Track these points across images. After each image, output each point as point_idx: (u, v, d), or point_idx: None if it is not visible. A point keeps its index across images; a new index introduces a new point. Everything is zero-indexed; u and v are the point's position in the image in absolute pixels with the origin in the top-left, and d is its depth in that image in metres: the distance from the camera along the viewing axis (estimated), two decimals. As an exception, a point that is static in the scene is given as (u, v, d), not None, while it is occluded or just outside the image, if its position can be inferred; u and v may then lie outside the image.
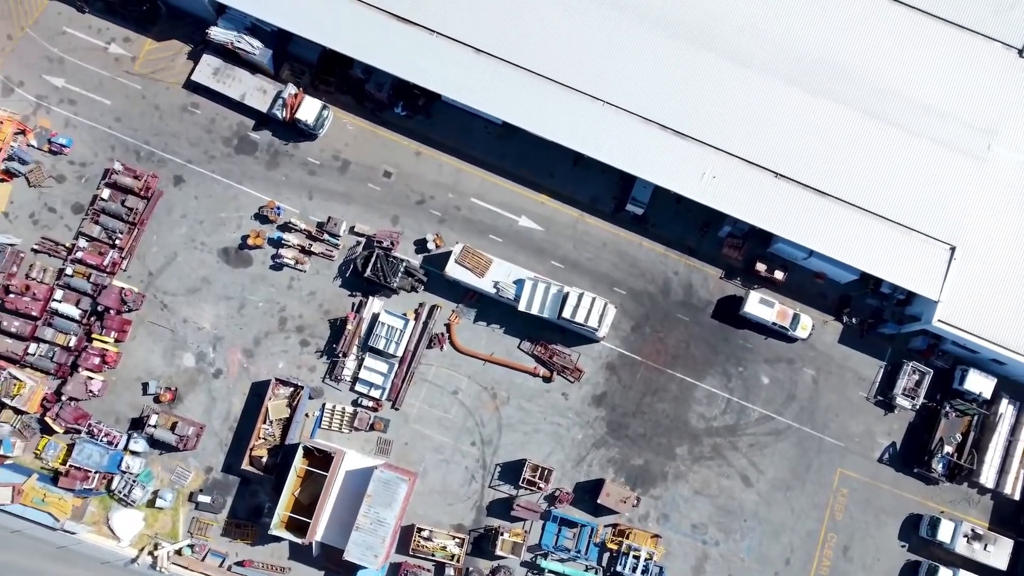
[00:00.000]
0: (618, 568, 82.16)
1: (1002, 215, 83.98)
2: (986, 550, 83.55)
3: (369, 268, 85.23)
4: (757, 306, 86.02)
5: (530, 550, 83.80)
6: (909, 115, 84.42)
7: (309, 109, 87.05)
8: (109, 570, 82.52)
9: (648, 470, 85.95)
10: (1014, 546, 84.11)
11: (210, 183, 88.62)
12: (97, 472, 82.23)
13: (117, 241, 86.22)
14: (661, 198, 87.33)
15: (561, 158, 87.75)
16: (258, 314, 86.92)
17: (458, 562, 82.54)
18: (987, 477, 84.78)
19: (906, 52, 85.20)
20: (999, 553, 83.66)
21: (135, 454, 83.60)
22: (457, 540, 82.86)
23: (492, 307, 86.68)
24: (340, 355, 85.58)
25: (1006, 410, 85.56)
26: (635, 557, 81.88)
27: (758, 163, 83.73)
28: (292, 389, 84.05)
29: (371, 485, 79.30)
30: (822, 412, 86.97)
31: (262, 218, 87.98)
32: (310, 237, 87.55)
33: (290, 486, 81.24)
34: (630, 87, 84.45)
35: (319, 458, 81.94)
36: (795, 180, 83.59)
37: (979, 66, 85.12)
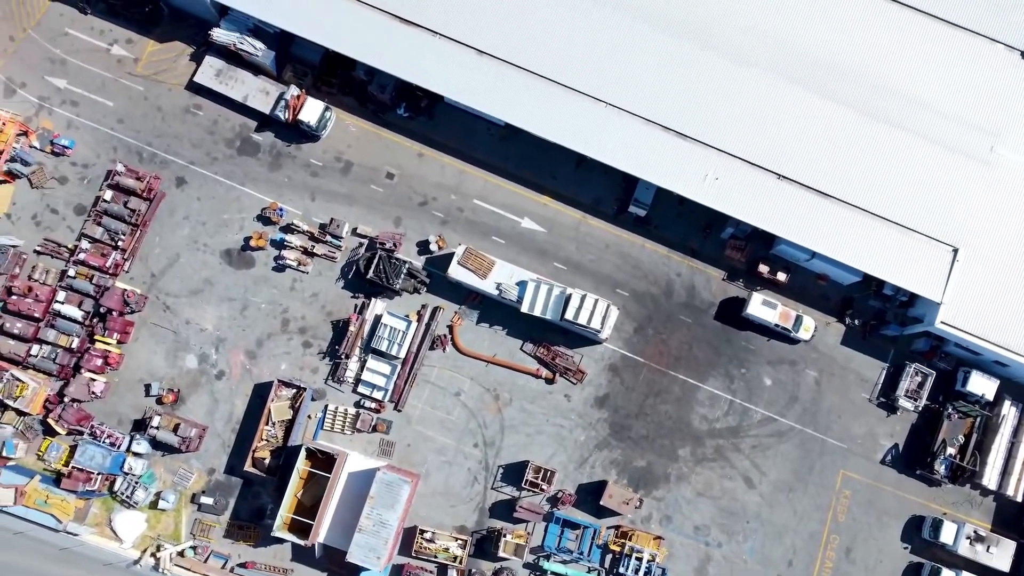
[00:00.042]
0: (620, 570, 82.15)
1: (1005, 216, 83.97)
2: (988, 552, 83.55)
3: (372, 270, 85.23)
4: (760, 308, 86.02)
5: (533, 552, 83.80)
6: (912, 117, 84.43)
7: (312, 111, 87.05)
8: (111, 572, 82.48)
9: (651, 472, 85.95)
10: (1017, 548, 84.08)
11: (213, 184, 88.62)
12: (99, 474, 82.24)
13: (119, 242, 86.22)
14: (664, 200, 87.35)
15: (564, 160, 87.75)
16: (260, 315, 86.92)
17: (461, 564, 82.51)
18: (990, 479, 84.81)
19: (909, 54, 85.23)
20: (1001, 555, 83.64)
21: (137, 456, 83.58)
22: (460, 542, 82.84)
23: (495, 309, 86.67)
24: (343, 357, 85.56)
25: (1009, 412, 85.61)
26: (638, 559, 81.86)
27: (761, 165, 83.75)
28: (295, 391, 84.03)
29: (374, 487, 79.30)
30: (825, 414, 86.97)
31: (264, 219, 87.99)
32: (312, 239, 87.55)
33: (293, 488, 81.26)
34: (633, 88, 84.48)
35: (322, 460, 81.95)
36: (798, 182, 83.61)
37: (982, 68, 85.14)
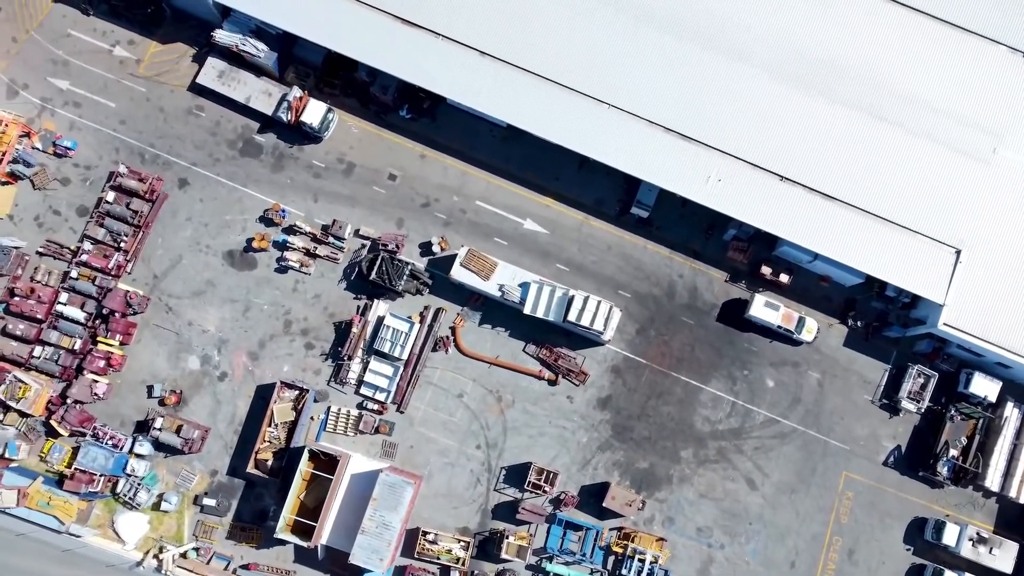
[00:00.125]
0: (623, 571, 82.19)
1: (1008, 218, 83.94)
2: (991, 553, 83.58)
3: (374, 271, 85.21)
4: (762, 309, 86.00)
5: (535, 553, 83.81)
6: (915, 118, 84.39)
7: (314, 112, 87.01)
8: (114, 573, 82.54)
9: (653, 473, 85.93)
10: (1019, 549, 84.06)
11: (215, 186, 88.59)
12: (102, 475, 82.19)
13: (122, 244, 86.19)
14: (666, 201, 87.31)
15: (566, 161, 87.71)
16: (263, 317, 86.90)
17: (463, 565, 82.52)
18: (992, 480, 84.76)
19: (912, 56, 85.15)
20: (1004, 556, 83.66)
21: (140, 457, 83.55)
22: (462, 543, 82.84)
23: (497, 310, 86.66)
24: (345, 358, 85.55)
25: (1011, 413, 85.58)
26: (640, 560, 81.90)
27: (763, 166, 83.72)
28: (297, 392, 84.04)
29: (376, 488, 79.30)
30: (827, 415, 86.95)
31: (267, 221, 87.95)
32: (315, 240, 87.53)
33: (295, 489, 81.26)
34: (635, 90, 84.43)
35: (324, 461, 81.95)
36: (800, 183, 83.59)
37: (985, 69, 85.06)
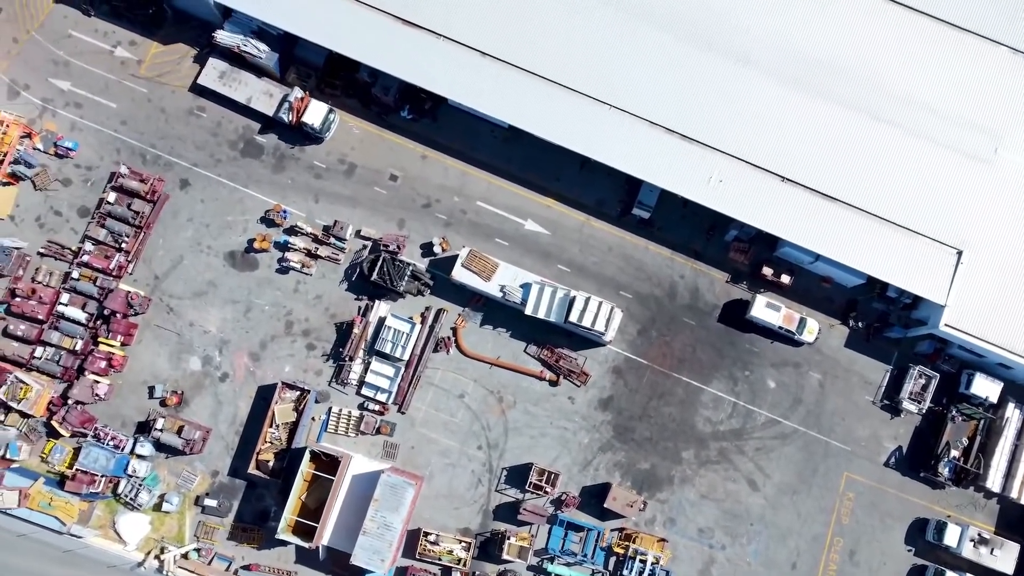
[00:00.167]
0: (624, 572, 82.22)
1: (1009, 219, 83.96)
2: (992, 554, 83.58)
3: (375, 272, 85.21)
4: (763, 310, 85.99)
5: (536, 554, 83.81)
6: (916, 119, 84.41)
7: (315, 113, 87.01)
8: (115, 574, 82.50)
9: (654, 474, 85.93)
10: (1021, 550, 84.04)
11: (216, 186, 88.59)
12: (103, 476, 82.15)
13: (123, 245, 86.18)
14: (667, 202, 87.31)
15: (567, 162, 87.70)
16: (264, 318, 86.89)
17: (464, 566, 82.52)
18: (993, 481, 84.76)
19: (914, 57, 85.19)
20: (1005, 557, 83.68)
21: (141, 458, 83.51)
22: (463, 544, 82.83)
23: (498, 311, 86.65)
24: (346, 359, 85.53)
25: (1012, 414, 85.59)
26: (641, 561, 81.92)
27: (765, 167, 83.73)
28: (298, 393, 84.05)
29: (378, 489, 79.29)
30: (828, 416, 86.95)
31: (268, 222, 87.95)
32: (316, 241, 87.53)
33: (297, 490, 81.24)
34: (637, 91, 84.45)
35: (326, 462, 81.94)
36: (802, 184, 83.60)
37: (987, 70, 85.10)
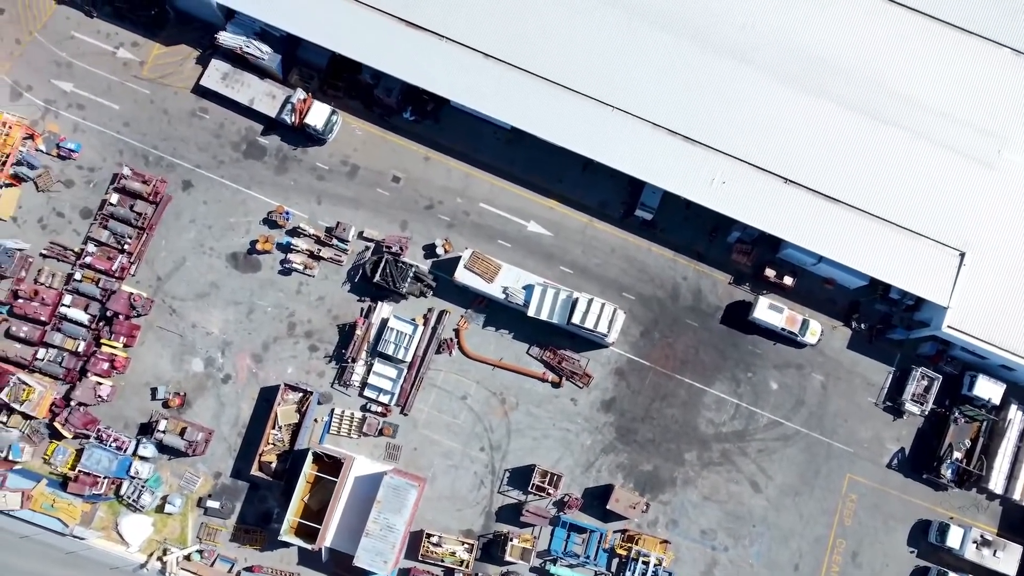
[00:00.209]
0: (627, 574, 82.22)
1: (1012, 221, 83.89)
2: (995, 556, 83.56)
3: (378, 273, 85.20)
4: (766, 312, 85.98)
5: (539, 556, 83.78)
6: (919, 121, 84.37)
7: (318, 114, 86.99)
8: None
9: (657, 476, 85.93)
10: (1023, 552, 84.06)
11: (219, 188, 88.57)
12: (106, 477, 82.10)
13: (126, 246, 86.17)
14: (670, 203, 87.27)
15: (570, 163, 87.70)
16: (267, 319, 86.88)
17: (467, 568, 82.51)
18: (996, 483, 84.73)
19: (917, 58, 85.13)
20: (1008, 559, 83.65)
21: (144, 459, 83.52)
22: (466, 546, 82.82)
23: (501, 312, 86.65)
24: (349, 360, 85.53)
25: (1015, 416, 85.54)
26: (644, 563, 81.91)
27: (768, 168, 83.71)
28: (301, 394, 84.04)
29: (381, 491, 79.29)
30: (831, 418, 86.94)
31: (271, 223, 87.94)
32: (319, 242, 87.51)
33: (299, 492, 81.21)
34: (639, 92, 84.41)
35: (328, 464, 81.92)
36: (805, 185, 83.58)
37: (990, 72, 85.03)
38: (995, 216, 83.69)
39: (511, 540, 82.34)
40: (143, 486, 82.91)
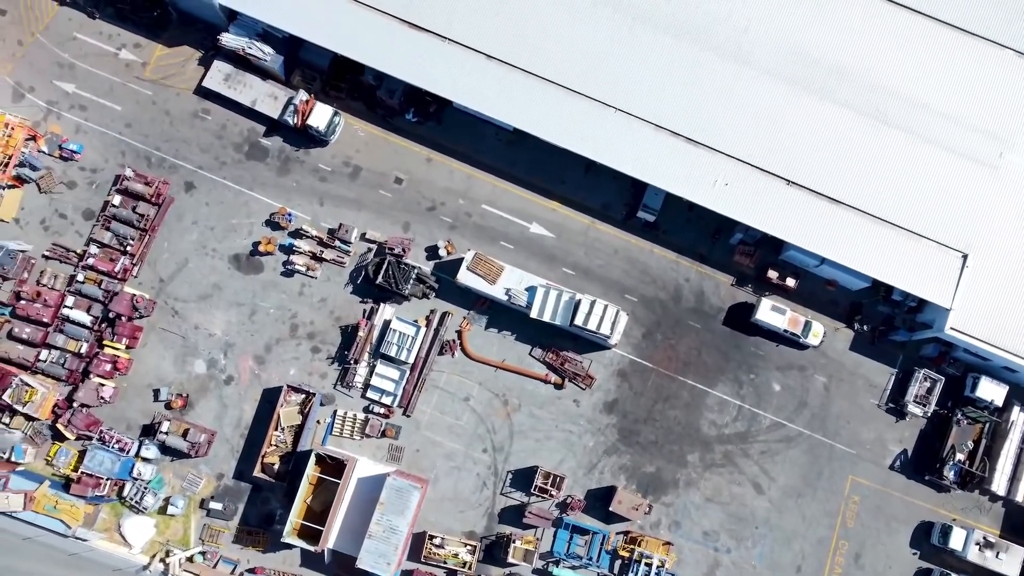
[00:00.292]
0: (630, 575, 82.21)
1: (1014, 222, 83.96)
2: (998, 558, 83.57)
3: (380, 275, 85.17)
4: (769, 313, 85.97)
5: (542, 557, 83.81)
6: (922, 123, 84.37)
7: (320, 115, 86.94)
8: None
9: (660, 477, 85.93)
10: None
11: (221, 189, 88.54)
12: (109, 479, 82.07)
13: (128, 247, 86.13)
14: (673, 205, 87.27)
15: (572, 165, 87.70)
16: (269, 321, 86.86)
17: (470, 569, 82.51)
18: (999, 485, 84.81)
19: (919, 60, 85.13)
20: (1011, 561, 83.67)
21: (146, 461, 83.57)
22: (469, 547, 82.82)
23: (503, 314, 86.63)
24: (351, 362, 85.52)
25: (1018, 417, 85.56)
26: (647, 564, 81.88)
27: (770, 170, 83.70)
28: (304, 396, 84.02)
29: (384, 492, 79.29)
30: (833, 419, 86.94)
31: (273, 224, 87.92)
32: (321, 244, 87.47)
33: (302, 493, 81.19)
34: (642, 94, 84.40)
35: (331, 465, 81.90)
36: (807, 187, 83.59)
37: (992, 74, 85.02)
38: (997, 218, 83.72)
39: (514, 542, 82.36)
40: (146, 488, 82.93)
